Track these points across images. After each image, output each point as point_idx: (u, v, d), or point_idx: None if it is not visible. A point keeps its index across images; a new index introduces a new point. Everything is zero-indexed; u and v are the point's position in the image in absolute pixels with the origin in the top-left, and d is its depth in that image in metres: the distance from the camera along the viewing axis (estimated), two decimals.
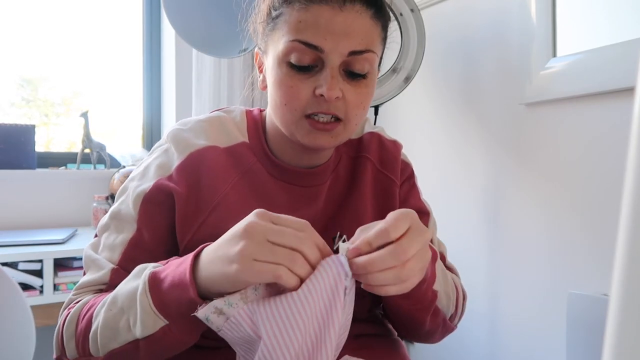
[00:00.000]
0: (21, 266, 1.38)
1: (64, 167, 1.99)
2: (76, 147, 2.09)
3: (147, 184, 0.72)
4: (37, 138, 1.84)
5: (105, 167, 2.01)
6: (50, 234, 1.59)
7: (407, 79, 1.41)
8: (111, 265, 0.70)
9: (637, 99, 0.24)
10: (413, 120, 1.73)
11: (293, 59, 0.67)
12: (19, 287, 0.91)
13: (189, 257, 0.58)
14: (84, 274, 0.74)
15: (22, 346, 0.68)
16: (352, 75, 0.68)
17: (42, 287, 1.40)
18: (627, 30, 1.07)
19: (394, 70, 1.42)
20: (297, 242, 0.54)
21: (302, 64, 0.67)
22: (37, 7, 2.03)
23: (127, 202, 0.73)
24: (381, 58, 0.75)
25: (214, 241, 0.59)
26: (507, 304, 1.39)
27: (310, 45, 0.66)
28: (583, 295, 1.09)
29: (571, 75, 1.18)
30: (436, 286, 0.69)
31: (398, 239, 0.54)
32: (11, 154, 1.78)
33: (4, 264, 1.34)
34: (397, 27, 1.42)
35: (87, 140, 1.92)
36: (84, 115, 1.92)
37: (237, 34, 0.86)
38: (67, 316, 0.67)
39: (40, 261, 1.40)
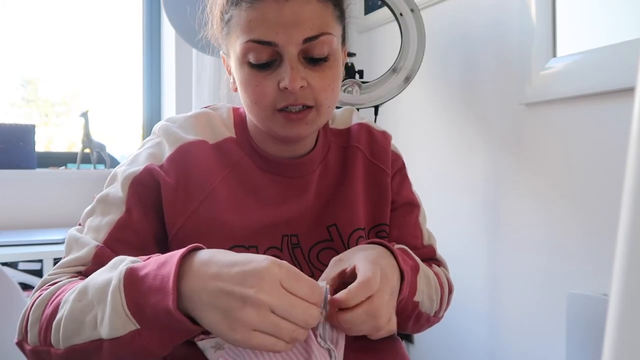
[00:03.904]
0: (21, 266, 1.38)
1: (64, 167, 1.99)
2: (76, 147, 2.09)
3: (137, 167, 0.71)
4: (37, 138, 1.84)
5: (105, 167, 2.01)
6: (50, 234, 1.59)
7: (407, 79, 1.41)
8: (95, 243, 0.67)
9: (637, 99, 0.24)
10: (413, 120, 1.73)
11: (251, 58, 0.68)
12: (19, 287, 0.91)
13: (175, 258, 0.53)
14: (63, 257, 0.70)
15: None
16: (313, 60, 0.69)
17: None
18: (627, 30, 1.07)
19: (394, 70, 1.42)
20: (304, 321, 0.51)
21: (261, 62, 0.68)
22: (37, 7, 2.03)
23: (115, 186, 0.72)
24: (344, 36, 0.75)
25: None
26: (507, 304, 1.39)
27: (264, 42, 0.66)
28: (583, 295, 1.09)
29: (571, 75, 1.18)
30: (417, 297, 0.72)
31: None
32: (11, 154, 1.78)
33: (4, 264, 1.34)
34: (397, 27, 1.42)
35: (87, 140, 1.92)
36: (84, 115, 1.91)
37: None
38: (37, 298, 0.62)
39: (40, 261, 1.40)
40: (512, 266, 1.37)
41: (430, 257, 0.87)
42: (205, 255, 0.55)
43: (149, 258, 0.57)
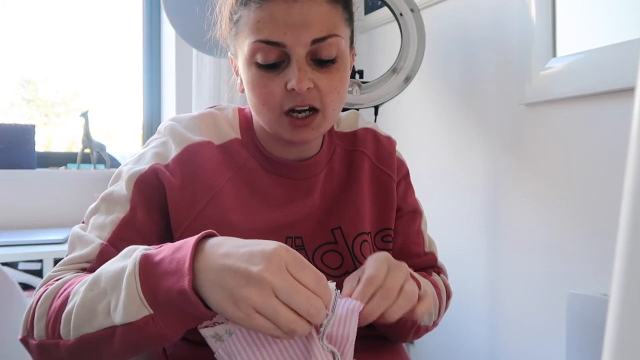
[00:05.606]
0: (21, 266, 1.38)
1: (64, 167, 1.99)
2: (76, 147, 2.09)
3: (143, 166, 0.71)
4: (37, 138, 1.84)
5: (105, 167, 2.01)
6: (50, 234, 1.59)
7: (407, 79, 1.41)
8: (100, 241, 0.67)
9: (637, 99, 0.24)
10: (413, 120, 1.73)
11: (259, 59, 0.68)
12: (19, 287, 0.91)
13: (190, 243, 0.54)
14: (67, 255, 0.70)
15: (21, 346, 0.68)
16: (321, 62, 0.69)
17: None
18: (627, 30, 1.07)
19: (394, 70, 1.42)
20: (306, 310, 0.50)
21: (269, 62, 0.68)
22: (38, 7, 2.03)
23: (120, 184, 0.72)
24: (352, 39, 0.75)
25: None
26: (507, 304, 1.39)
27: (272, 42, 0.66)
28: (583, 295, 1.09)
29: (571, 75, 1.18)
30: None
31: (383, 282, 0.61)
32: (11, 154, 1.78)
33: (4, 264, 1.34)
34: (397, 27, 1.42)
35: (87, 140, 1.92)
36: (84, 115, 1.92)
37: None
38: (43, 293, 0.62)
39: (40, 261, 1.40)
40: (512, 266, 1.37)
41: (432, 265, 0.88)
42: (219, 239, 0.55)
43: (161, 246, 0.57)
